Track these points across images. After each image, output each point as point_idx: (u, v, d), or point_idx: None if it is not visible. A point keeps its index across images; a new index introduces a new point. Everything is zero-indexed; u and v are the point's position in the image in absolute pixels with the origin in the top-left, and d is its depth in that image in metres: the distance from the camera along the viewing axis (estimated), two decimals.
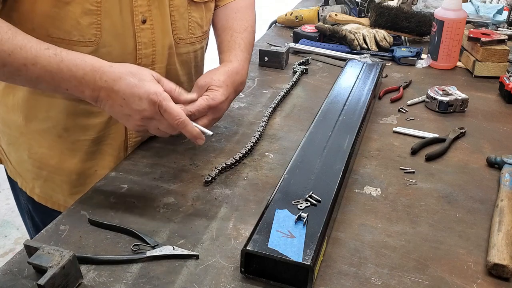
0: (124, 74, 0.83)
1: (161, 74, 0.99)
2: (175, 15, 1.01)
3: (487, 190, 0.96)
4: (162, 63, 1.01)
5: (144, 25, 0.95)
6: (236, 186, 0.95)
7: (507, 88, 1.33)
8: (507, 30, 1.84)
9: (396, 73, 1.51)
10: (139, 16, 0.94)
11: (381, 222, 0.86)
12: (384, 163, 1.04)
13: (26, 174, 1.08)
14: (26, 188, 1.10)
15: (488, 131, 1.19)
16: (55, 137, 1.01)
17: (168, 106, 0.82)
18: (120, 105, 0.83)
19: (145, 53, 0.97)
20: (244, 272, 0.73)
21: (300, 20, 1.87)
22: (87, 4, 0.87)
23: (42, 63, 0.81)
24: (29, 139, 1.03)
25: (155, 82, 0.84)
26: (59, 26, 0.88)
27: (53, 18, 0.87)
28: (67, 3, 0.86)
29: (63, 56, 0.82)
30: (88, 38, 0.90)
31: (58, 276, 0.66)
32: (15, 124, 1.03)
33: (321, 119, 1.08)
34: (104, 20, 0.90)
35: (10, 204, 2.62)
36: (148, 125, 0.86)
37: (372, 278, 0.74)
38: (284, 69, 1.51)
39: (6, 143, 1.09)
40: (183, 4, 1.02)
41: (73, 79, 0.82)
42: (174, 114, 0.83)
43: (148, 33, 0.96)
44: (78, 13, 0.87)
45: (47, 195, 1.08)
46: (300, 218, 0.77)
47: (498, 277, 0.75)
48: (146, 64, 0.98)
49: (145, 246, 0.78)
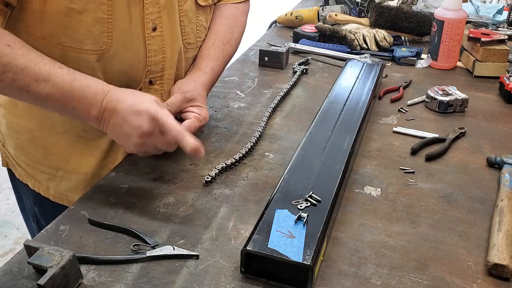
0: (128, 95, 0.86)
1: (170, 81, 1.02)
2: (184, 20, 1.02)
3: (487, 190, 0.96)
4: (171, 69, 1.02)
5: (154, 32, 0.96)
6: (236, 186, 0.95)
7: (507, 88, 1.33)
8: (507, 30, 1.84)
9: (396, 73, 1.51)
10: (149, 24, 0.94)
11: (381, 222, 0.86)
12: (384, 163, 1.04)
13: (40, 175, 1.08)
14: (39, 189, 1.10)
15: (488, 131, 1.19)
16: (74, 138, 1.02)
17: (166, 122, 0.84)
18: (120, 124, 0.85)
19: (154, 60, 0.98)
20: (244, 272, 0.73)
21: (300, 20, 1.87)
22: (99, 13, 0.88)
23: (55, 80, 0.83)
24: (44, 142, 1.03)
25: (157, 103, 0.85)
26: (70, 35, 0.88)
27: (65, 27, 0.87)
28: (79, 12, 0.86)
29: (76, 76, 0.85)
30: (99, 46, 0.90)
31: (58, 276, 0.66)
32: (25, 129, 1.04)
33: (321, 119, 1.08)
34: (115, 29, 0.90)
35: (10, 204, 2.63)
36: (147, 143, 0.86)
37: (372, 278, 0.74)
38: (284, 69, 1.51)
39: (13, 148, 1.09)
40: (191, 9, 1.02)
41: (83, 98, 0.85)
42: (172, 127, 0.84)
43: (158, 40, 0.97)
44: (90, 21, 0.88)
45: (63, 195, 1.08)
46: (300, 218, 0.77)
47: (498, 277, 0.75)
48: (155, 71, 0.99)
49: (145, 246, 0.78)
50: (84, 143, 1.02)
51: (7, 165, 1.16)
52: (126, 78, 0.96)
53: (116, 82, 0.93)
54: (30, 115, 1.01)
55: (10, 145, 1.10)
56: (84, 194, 0.91)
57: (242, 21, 1.20)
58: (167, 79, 1.02)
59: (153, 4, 0.94)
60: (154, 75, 0.99)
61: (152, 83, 1.00)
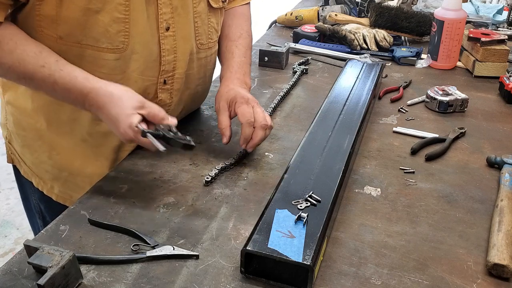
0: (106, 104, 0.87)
1: (180, 80, 1.04)
2: (198, 22, 1.03)
3: (487, 190, 0.96)
4: (182, 69, 1.03)
5: (167, 32, 0.97)
6: (236, 186, 0.95)
7: (507, 88, 1.33)
8: (507, 30, 1.84)
9: (396, 73, 1.51)
10: (163, 24, 0.96)
11: (381, 222, 0.86)
12: (384, 163, 1.04)
13: (45, 174, 1.09)
14: (43, 188, 1.11)
15: (488, 131, 1.19)
16: (79, 141, 1.02)
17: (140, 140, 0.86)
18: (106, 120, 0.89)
19: (167, 59, 0.99)
20: (244, 272, 0.73)
21: (300, 20, 1.87)
22: (115, 13, 0.89)
23: (38, 81, 0.88)
24: (51, 142, 1.04)
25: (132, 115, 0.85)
26: (87, 33, 0.90)
27: (82, 26, 0.89)
28: (96, 12, 0.88)
29: (56, 78, 0.87)
30: (116, 45, 0.92)
31: (58, 276, 0.66)
32: (33, 127, 1.04)
33: (321, 119, 1.08)
34: (132, 28, 0.92)
35: (10, 204, 2.62)
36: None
37: (372, 278, 0.74)
38: (284, 69, 1.51)
39: (20, 145, 1.10)
40: (204, 11, 1.04)
41: (66, 99, 0.91)
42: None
43: (170, 40, 0.98)
44: (107, 21, 0.89)
45: (67, 195, 1.09)
46: (300, 218, 0.77)
47: (498, 277, 0.75)
48: (168, 70, 1.00)
49: (145, 246, 0.78)
50: (89, 148, 1.03)
51: (12, 161, 1.17)
52: (142, 78, 0.98)
53: (133, 83, 0.95)
54: (38, 113, 1.02)
55: (17, 142, 1.11)
56: (84, 194, 0.91)
57: (247, 16, 1.24)
58: (177, 78, 1.03)
59: (166, 5, 0.95)
60: (167, 74, 1.01)
61: (166, 82, 1.02)
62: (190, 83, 1.08)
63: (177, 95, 1.05)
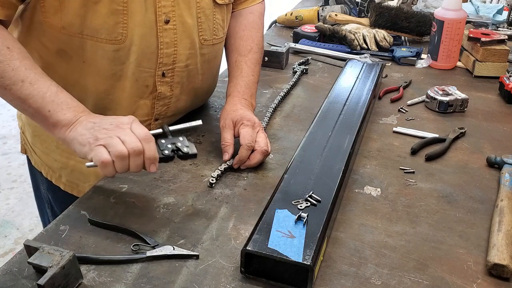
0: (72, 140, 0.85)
1: (181, 73, 1.04)
2: (202, 17, 1.04)
3: (487, 190, 0.96)
4: (183, 62, 1.04)
5: (167, 25, 0.98)
6: (236, 186, 0.95)
7: (507, 88, 1.33)
8: (507, 30, 1.84)
9: (396, 73, 1.51)
10: (162, 17, 0.96)
11: (381, 222, 0.86)
12: (384, 163, 1.04)
13: (53, 163, 1.11)
14: (52, 177, 1.13)
15: (488, 131, 1.19)
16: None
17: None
18: None
19: (166, 52, 1.00)
20: (244, 272, 0.73)
21: (300, 20, 1.87)
22: (114, 4, 0.91)
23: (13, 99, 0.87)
24: None
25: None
26: (87, 24, 0.92)
27: (82, 17, 0.91)
28: (95, 3, 0.90)
29: (31, 103, 0.86)
30: (114, 36, 0.94)
31: (58, 276, 0.66)
32: None
33: (321, 119, 1.08)
34: (130, 20, 0.93)
35: (10, 204, 2.62)
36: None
37: (372, 278, 0.74)
38: (284, 69, 1.51)
39: (31, 135, 1.13)
40: (209, 6, 1.05)
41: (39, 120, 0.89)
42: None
43: (170, 33, 0.99)
44: (106, 12, 0.91)
45: (74, 184, 1.11)
46: (300, 218, 0.77)
47: (498, 277, 0.75)
48: (167, 63, 1.01)
49: (145, 246, 0.78)
50: None
51: (25, 152, 1.20)
52: (139, 70, 0.99)
53: (131, 75, 0.97)
54: None
55: (28, 132, 1.14)
56: (84, 194, 0.91)
57: (259, 24, 1.22)
58: (178, 71, 1.03)
59: None
60: (166, 67, 1.01)
61: (165, 75, 1.02)
62: (193, 78, 1.08)
63: (177, 87, 1.05)
